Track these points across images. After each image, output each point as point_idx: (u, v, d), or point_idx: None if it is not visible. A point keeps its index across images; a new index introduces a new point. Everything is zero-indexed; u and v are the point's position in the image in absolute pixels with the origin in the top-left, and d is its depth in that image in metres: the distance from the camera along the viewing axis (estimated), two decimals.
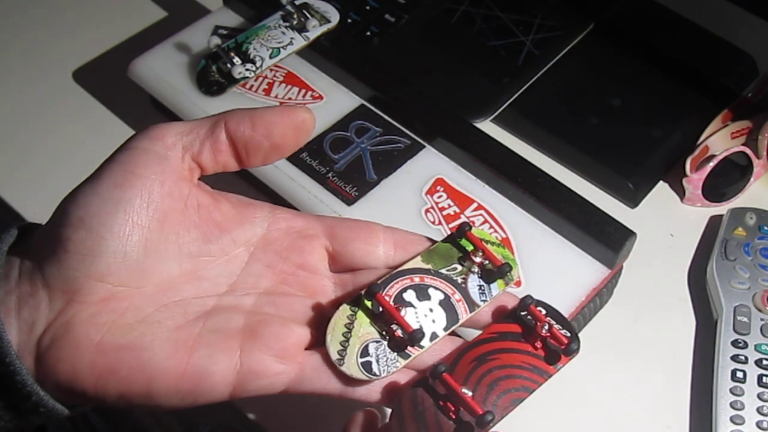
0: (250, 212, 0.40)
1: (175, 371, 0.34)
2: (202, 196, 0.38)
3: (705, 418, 0.53)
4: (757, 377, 0.53)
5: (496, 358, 0.37)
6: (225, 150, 0.38)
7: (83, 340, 0.34)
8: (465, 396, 0.35)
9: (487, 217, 0.56)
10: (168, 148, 0.36)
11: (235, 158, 0.38)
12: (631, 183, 0.63)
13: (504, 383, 0.36)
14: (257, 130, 0.37)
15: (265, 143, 0.38)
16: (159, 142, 0.36)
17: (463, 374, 0.36)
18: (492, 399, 0.36)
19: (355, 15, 0.72)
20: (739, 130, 0.66)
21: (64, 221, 0.35)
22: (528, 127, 0.67)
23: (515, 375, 0.37)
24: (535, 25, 0.72)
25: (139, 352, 0.34)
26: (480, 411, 0.34)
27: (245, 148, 0.38)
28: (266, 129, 0.37)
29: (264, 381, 0.35)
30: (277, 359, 0.35)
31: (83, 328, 0.34)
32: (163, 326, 0.35)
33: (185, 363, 0.34)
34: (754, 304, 0.56)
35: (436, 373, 0.35)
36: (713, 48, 0.72)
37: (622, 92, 0.69)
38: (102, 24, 0.79)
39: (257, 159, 0.38)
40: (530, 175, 0.56)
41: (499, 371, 0.36)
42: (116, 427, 0.88)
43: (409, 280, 0.38)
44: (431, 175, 0.58)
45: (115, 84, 0.69)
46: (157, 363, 0.34)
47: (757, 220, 0.61)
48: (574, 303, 0.52)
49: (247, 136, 0.37)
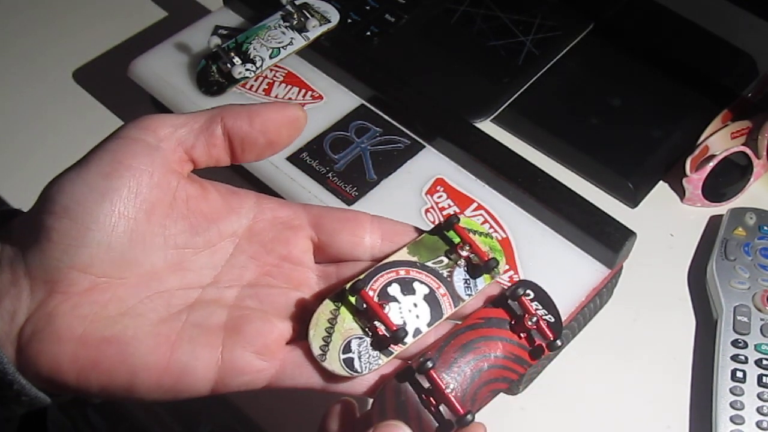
0: (236, 202, 0.39)
1: (157, 366, 0.34)
2: (191, 187, 0.38)
3: (705, 418, 0.53)
4: (757, 377, 0.53)
5: (481, 347, 0.37)
6: (219, 144, 0.38)
7: (65, 333, 0.34)
8: (448, 395, 0.35)
9: (487, 217, 0.56)
10: (160, 140, 0.36)
11: (229, 153, 0.38)
12: (631, 183, 0.63)
13: (486, 374, 0.36)
14: (254, 125, 0.37)
15: (261, 139, 0.38)
16: (151, 133, 0.36)
17: (447, 362, 0.36)
18: (473, 390, 0.36)
19: (355, 15, 0.72)
20: (739, 130, 0.66)
21: (48, 208, 0.34)
22: (528, 127, 0.67)
23: (498, 365, 0.37)
24: (535, 25, 0.72)
25: (122, 346, 0.34)
26: (462, 411, 0.35)
27: (241, 144, 0.38)
28: (263, 125, 0.37)
29: (245, 377, 0.35)
30: (258, 356, 0.35)
31: (65, 320, 0.34)
32: (145, 319, 0.35)
33: (167, 358, 0.34)
34: (754, 304, 0.56)
35: (423, 368, 0.35)
36: (713, 48, 0.72)
37: (622, 92, 0.69)
38: (102, 24, 0.79)
39: (252, 154, 0.38)
40: (530, 175, 0.56)
41: (483, 361, 0.37)
42: (116, 427, 0.89)
43: (395, 273, 0.38)
44: (431, 175, 0.58)
45: (115, 84, 0.69)
46: (140, 358, 0.34)
47: (757, 220, 0.61)
48: (574, 303, 0.52)
49: (244, 131, 0.37)
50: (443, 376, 0.36)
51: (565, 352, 0.56)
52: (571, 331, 0.55)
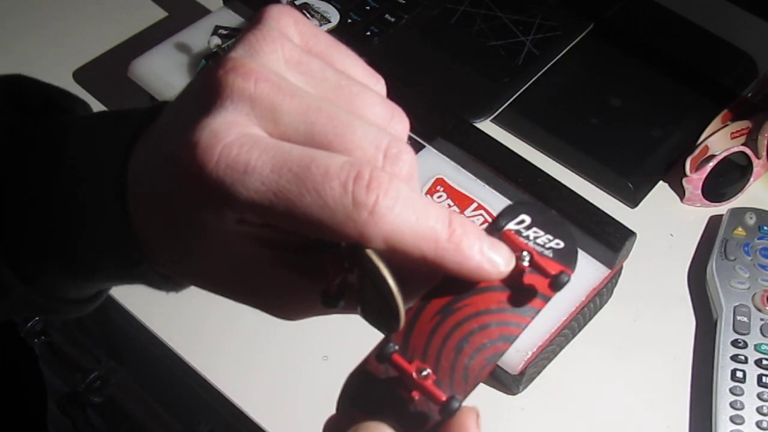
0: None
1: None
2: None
3: (705, 418, 0.53)
4: (756, 377, 0.53)
5: (466, 305, 0.29)
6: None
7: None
8: (421, 381, 0.27)
9: (487, 217, 0.56)
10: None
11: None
12: (631, 183, 0.63)
13: (477, 337, 0.28)
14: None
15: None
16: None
17: (422, 339, 0.28)
18: (462, 365, 0.28)
19: (355, 15, 0.72)
20: (739, 130, 0.66)
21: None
22: (528, 127, 0.67)
23: (492, 323, 0.28)
24: (535, 25, 0.72)
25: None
26: (443, 397, 0.27)
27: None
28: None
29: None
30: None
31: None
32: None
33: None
34: (753, 304, 0.56)
35: (383, 355, 0.28)
36: (713, 48, 0.72)
37: (622, 92, 0.69)
38: (102, 24, 0.79)
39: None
40: (530, 175, 0.56)
41: (471, 322, 0.28)
42: (116, 427, 0.89)
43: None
44: (431, 175, 0.58)
45: (115, 84, 0.69)
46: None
47: (757, 220, 0.61)
48: (574, 303, 0.52)
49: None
50: (413, 358, 0.28)
51: (565, 352, 0.56)
52: (571, 331, 0.55)
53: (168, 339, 0.57)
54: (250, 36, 0.28)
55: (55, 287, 0.35)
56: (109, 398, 0.83)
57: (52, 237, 0.33)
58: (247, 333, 0.57)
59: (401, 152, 0.28)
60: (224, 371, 0.56)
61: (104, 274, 0.34)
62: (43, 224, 0.33)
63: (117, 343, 0.80)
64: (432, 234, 0.27)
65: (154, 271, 0.32)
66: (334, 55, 0.30)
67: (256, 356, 0.57)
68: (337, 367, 0.27)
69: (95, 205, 0.32)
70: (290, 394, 0.55)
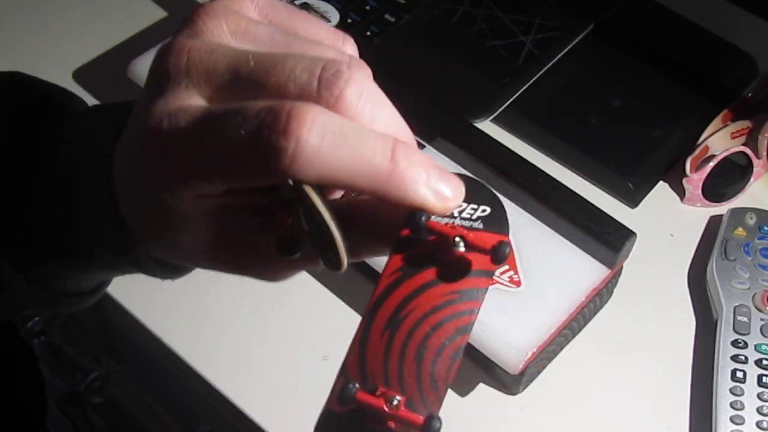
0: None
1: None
2: None
3: (705, 418, 0.53)
4: (757, 377, 0.53)
5: (411, 310, 0.27)
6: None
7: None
8: (394, 411, 0.26)
9: None
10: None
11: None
12: (631, 183, 0.63)
13: (434, 339, 0.27)
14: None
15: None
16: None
17: (378, 361, 0.27)
18: (426, 373, 0.26)
19: (355, 15, 0.72)
20: (739, 130, 0.66)
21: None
22: (528, 127, 0.67)
23: (444, 320, 0.27)
24: (535, 25, 0.72)
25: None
26: (420, 420, 0.25)
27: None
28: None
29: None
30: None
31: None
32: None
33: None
34: (754, 304, 0.56)
35: (345, 398, 0.26)
36: (713, 48, 0.72)
37: (622, 92, 0.69)
38: (102, 24, 0.78)
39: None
40: (530, 175, 0.56)
41: (422, 326, 0.27)
42: (116, 427, 0.89)
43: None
44: None
45: (115, 84, 0.69)
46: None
47: (757, 220, 0.61)
48: (574, 303, 0.52)
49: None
50: (376, 385, 0.26)
51: (564, 352, 0.56)
52: (571, 331, 0.55)
53: (168, 339, 0.57)
54: (194, 16, 0.28)
55: (54, 279, 0.35)
56: (109, 398, 0.83)
57: (49, 229, 0.34)
58: (247, 333, 0.57)
59: (340, 71, 0.26)
60: (224, 371, 0.56)
61: (100, 262, 0.34)
62: (40, 218, 0.34)
63: (117, 344, 0.79)
64: (370, 168, 0.25)
65: (148, 256, 0.33)
66: (296, 23, 0.29)
67: (256, 356, 0.57)
68: (337, 367, 0.27)
69: (90, 196, 0.32)
70: (290, 394, 0.55)
